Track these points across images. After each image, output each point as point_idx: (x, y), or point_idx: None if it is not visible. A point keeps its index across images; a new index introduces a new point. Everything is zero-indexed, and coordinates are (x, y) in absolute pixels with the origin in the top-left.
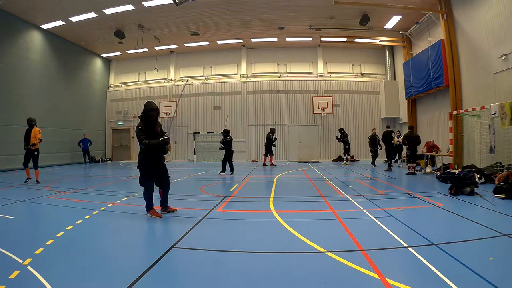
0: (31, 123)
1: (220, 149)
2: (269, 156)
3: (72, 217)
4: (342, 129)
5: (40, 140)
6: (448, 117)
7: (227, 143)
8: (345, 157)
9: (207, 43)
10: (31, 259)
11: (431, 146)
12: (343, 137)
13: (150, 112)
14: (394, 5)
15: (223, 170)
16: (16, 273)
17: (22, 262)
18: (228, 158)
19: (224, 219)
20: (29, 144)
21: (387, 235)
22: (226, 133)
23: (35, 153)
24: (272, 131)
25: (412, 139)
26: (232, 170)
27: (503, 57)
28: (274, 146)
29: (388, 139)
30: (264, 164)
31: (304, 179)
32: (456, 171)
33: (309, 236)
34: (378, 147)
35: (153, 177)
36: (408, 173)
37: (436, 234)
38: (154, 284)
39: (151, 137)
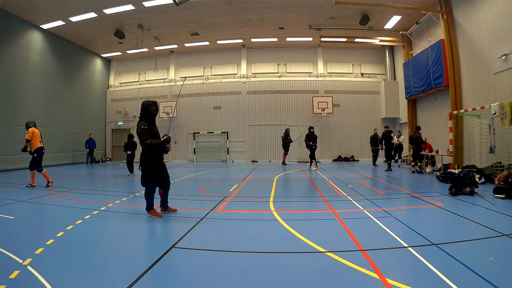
0: (27, 126)
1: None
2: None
3: (72, 217)
4: (312, 127)
5: (27, 141)
6: (448, 117)
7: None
8: (312, 161)
9: (207, 43)
10: (31, 259)
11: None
12: (310, 138)
13: (151, 107)
14: (394, 5)
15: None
16: (16, 273)
17: (22, 262)
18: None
19: (224, 219)
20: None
21: (387, 235)
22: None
23: (34, 155)
24: (286, 131)
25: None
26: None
27: (503, 57)
28: (291, 141)
29: (387, 139)
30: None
31: (304, 179)
32: (456, 171)
33: (309, 236)
34: (380, 146)
35: (156, 177)
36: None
37: (436, 234)
38: (154, 284)
39: (152, 136)
